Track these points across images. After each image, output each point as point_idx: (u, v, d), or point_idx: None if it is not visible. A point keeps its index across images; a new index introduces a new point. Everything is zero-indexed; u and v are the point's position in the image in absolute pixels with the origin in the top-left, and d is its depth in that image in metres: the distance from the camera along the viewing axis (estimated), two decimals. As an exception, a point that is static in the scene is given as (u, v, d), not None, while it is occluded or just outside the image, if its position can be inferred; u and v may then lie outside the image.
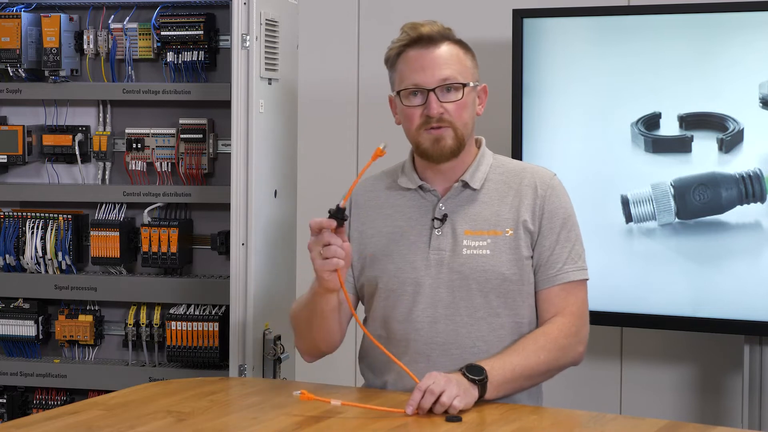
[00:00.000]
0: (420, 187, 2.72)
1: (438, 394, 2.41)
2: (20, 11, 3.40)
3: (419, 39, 2.69)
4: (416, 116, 2.65)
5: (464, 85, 2.64)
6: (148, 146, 3.41)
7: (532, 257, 2.67)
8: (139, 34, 3.41)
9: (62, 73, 3.40)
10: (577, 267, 2.66)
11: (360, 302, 2.80)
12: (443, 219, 2.67)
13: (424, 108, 2.64)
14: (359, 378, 4.38)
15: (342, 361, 4.40)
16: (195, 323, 3.31)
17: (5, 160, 3.40)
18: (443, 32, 2.70)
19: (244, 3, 3.14)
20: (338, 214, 2.50)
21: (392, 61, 2.75)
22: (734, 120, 3.66)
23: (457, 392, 2.43)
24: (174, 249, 3.35)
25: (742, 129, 3.65)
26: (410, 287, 2.67)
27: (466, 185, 2.69)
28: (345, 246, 2.54)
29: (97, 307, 3.46)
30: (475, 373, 2.49)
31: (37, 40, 3.41)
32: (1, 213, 3.45)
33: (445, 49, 2.67)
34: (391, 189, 2.76)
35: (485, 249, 2.64)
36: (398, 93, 2.70)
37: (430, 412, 2.42)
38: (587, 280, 2.70)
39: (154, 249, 3.35)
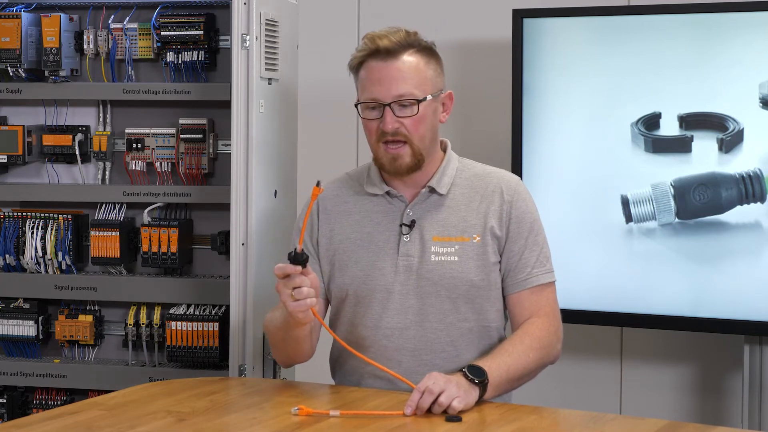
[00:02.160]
0: (387, 193, 2.72)
1: (437, 394, 2.41)
2: (20, 11, 3.40)
3: (377, 51, 2.66)
4: (373, 129, 2.66)
5: (420, 100, 2.63)
6: (148, 146, 3.41)
7: (500, 262, 2.70)
8: (139, 34, 3.41)
9: (62, 73, 3.40)
10: (546, 270, 2.70)
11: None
12: (411, 225, 2.68)
13: (380, 122, 2.64)
14: (359, 378, 4.38)
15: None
16: (195, 323, 3.31)
17: (5, 160, 3.40)
18: (404, 42, 2.64)
19: (244, 3, 3.14)
20: (298, 258, 2.50)
21: (355, 69, 2.76)
22: (734, 120, 3.65)
23: (457, 393, 2.43)
24: (174, 249, 3.35)
25: (742, 129, 3.65)
26: (380, 294, 2.69)
27: (432, 191, 2.70)
28: (313, 280, 2.53)
29: (97, 307, 3.46)
30: (476, 374, 2.49)
31: (37, 40, 3.41)
32: (1, 213, 3.45)
33: (404, 62, 2.64)
34: (359, 194, 2.76)
35: (453, 255, 2.65)
36: (356, 105, 2.70)
37: (429, 412, 2.42)
38: (554, 281, 2.76)
39: (154, 249, 3.35)
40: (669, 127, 3.73)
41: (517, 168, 3.80)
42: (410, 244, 2.68)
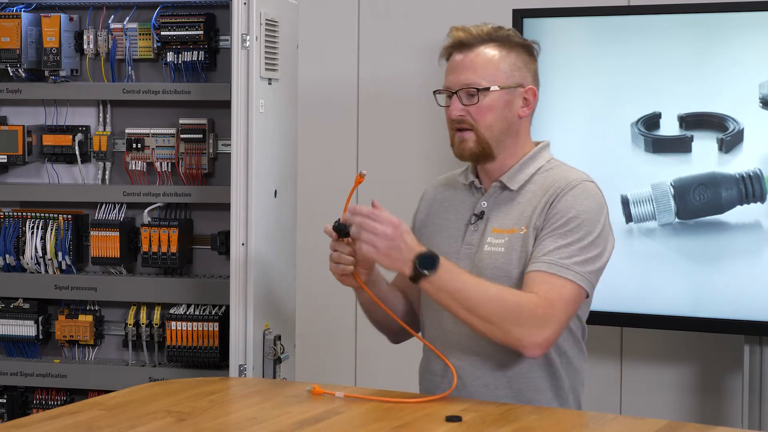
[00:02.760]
0: (471, 183, 2.77)
1: (368, 230, 2.51)
2: (20, 11, 3.40)
3: (456, 44, 2.73)
4: (447, 116, 2.73)
5: (485, 89, 2.66)
6: (148, 146, 3.41)
7: None
8: (139, 34, 3.41)
9: (62, 73, 3.40)
10: (563, 265, 2.56)
11: None
12: (480, 216, 2.72)
13: (450, 109, 2.71)
14: (359, 378, 4.39)
15: (342, 362, 4.40)
16: (195, 323, 3.31)
17: (5, 160, 3.40)
18: (484, 36, 2.71)
19: (244, 3, 3.14)
20: (338, 228, 2.62)
21: (443, 60, 2.80)
22: (734, 120, 3.66)
23: (376, 244, 2.51)
24: (174, 249, 3.35)
25: (742, 129, 3.65)
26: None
27: (504, 186, 2.72)
28: (351, 252, 2.63)
29: (97, 307, 3.46)
30: (424, 264, 2.50)
31: (37, 40, 3.41)
32: (1, 213, 3.45)
33: (478, 53, 2.69)
34: (456, 184, 2.83)
35: (501, 247, 2.66)
36: (435, 92, 2.75)
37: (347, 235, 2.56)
38: (579, 287, 2.57)
39: (154, 249, 3.35)
40: (669, 127, 3.73)
41: (517, 168, 3.80)
42: (475, 234, 2.71)
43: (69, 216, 3.42)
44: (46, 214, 3.43)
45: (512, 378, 2.65)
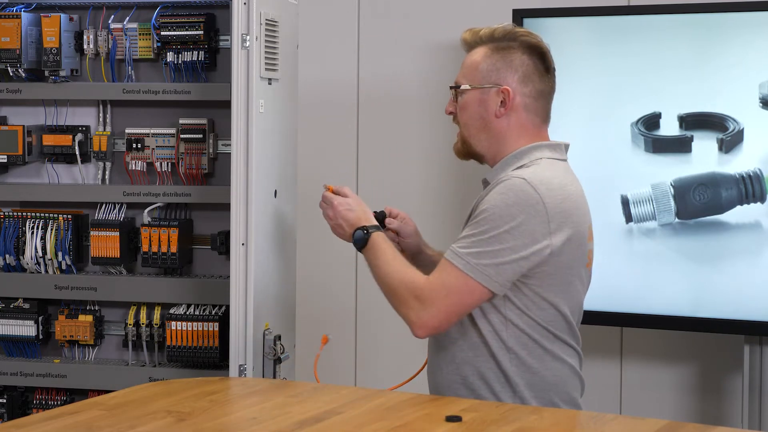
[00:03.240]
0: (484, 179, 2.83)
1: (329, 203, 2.85)
2: (20, 11, 3.40)
3: (462, 45, 2.83)
4: None
5: (459, 88, 2.75)
6: (148, 146, 3.41)
7: None
8: (139, 34, 3.41)
9: (62, 73, 3.40)
10: (457, 253, 2.58)
11: None
12: (473, 210, 2.72)
13: None
14: (359, 378, 4.39)
15: (342, 362, 4.40)
16: (195, 323, 3.31)
17: (5, 160, 3.40)
18: (484, 38, 2.77)
19: (244, 3, 3.14)
20: (377, 217, 2.89)
21: (446, 62, 2.88)
22: (734, 120, 3.66)
23: (333, 218, 2.84)
24: (174, 249, 3.35)
25: (742, 129, 3.65)
26: None
27: (487, 183, 2.75)
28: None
29: (97, 307, 3.46)
30: (356, 242, 2.77)
31: (37, 40, 3.40)
32: (1, 213, 3.45)
33: (471, 54, 2.78)
34: None
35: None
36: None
37: None
38: (467, 277, 2.57)
39: (154, 249, 3.35)
40: (669, 127, 3.74)
41: (517, 168, 3.80)
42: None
43: (69, 216, 3.42)
44: (46, 214, 3.42)
45: (460, 364, 2.68)
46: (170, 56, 3.37)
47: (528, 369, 2.65)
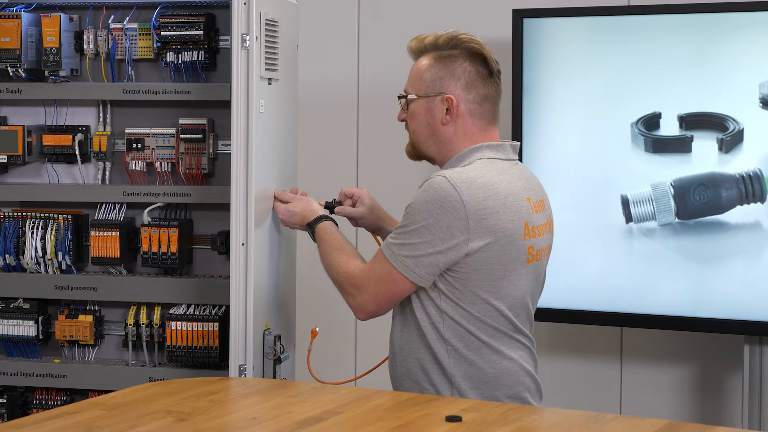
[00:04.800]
0: None
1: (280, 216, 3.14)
2: (20, 11, 3.40)
3: (409, 54, 2.92)
4: None
5: (402, 97, 2.87)
6: (148, 146, 3.41)
7: None
8: (139, 34, 3.41)
9: (62, 73, 3.40)
10: (386, 244, 2.75)
11: None
12: None
13: None
14: (359, 378, 4.39)
15: (342, 362, 4.40)
16: (195, 323, 3.31)
17: (5, 160, 3.40)
18: (427, 46, 2.86)
19: (244, 3, 3.14)
20: (328, 206, 3.15)
21: None
22: (734, 120, 3.66)
23: (284, 215, 3.12)
24: (174, 249, 3.34)
25: (742, 129, 3.65)
26: None
27: None
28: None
29: (97, 307, 3.46)
30: (310, 224, 3.03)
31: (37, 40, 3.40)
32: (1, 213, 3.45)
33: (416, 64, 2.87)
34: None
35: None
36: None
37: None
38: (390, 266, 2.71)
39: (154, 249, 3.35)
40: (669, 127, 3.74)
41: (517, 168, 3.80)
42: None
43: (69, 216, 3.42)
44: (46, 214, 3.42)
45: (405, 356, 2.79)
46: (170, 56, 3.37)
47: (465, 361, 2.72)
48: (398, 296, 2.75)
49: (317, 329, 3.17)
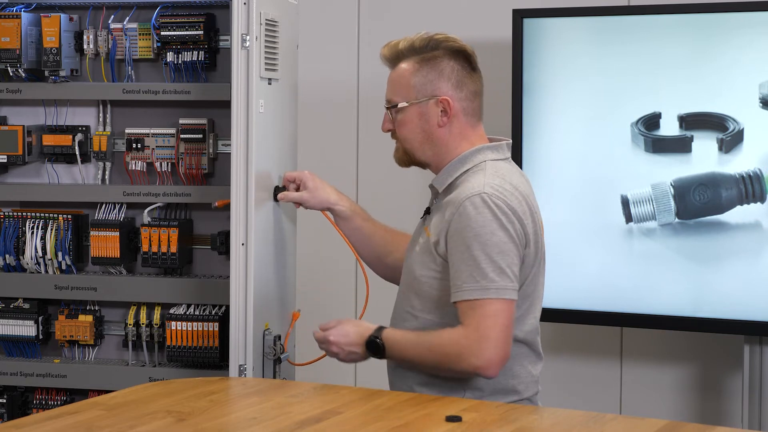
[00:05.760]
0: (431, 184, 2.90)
1: (330, 342, 2.81)
2: (20, 11, 3.40)
3: (383, 61, 2.88)
4: None
5: (391, 107, 2.83)
6: (148, 146, 3.41)
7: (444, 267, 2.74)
8: (139, 34, 3.41)
9: (62, 73, 3.40)
10: (478, 287, 2.62)
11: None
12: (428, 212, 2.87)
13: None
14: (359, 378, 4.40)
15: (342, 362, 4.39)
16: (195, 323, 3.31)
17: (5, 160, 3.40)
18: (404, 50, 2.82)
19: (244, 3, 3.14)
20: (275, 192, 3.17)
21: None
22: (734, 120, 3.66)
23: (341, 352, 2.80)
24: (174, 249, 3.35)
25: (742, 129, 3.65)
26: (402, 270, 2.92)
27: (434, 188, 2.85)
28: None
29: (97, 307, 3.46)
30: (374, 350, 2.75)
31: (37, 40, 3.40)
32: (1, 213, 3.45)
33: (396, 70, 2.84)
34: None
35: (419, 246, 2.81)
36: None
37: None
38: (500, 299, 2.62)
39: (154, 249, 3.35)
40: (669, 127, 3.74)
41: (517, 168, 3.81)
42: (419, 230, 2.87)
43: (69, 216, 3.42)
44: (46, 214, 3.42)
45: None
46: (170, 56, 3.37)
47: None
48: (509, 325, 2.63)
49: (299, 311, 3.23)
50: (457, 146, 2.80)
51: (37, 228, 3.41)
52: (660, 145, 3.74)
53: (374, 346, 2.74)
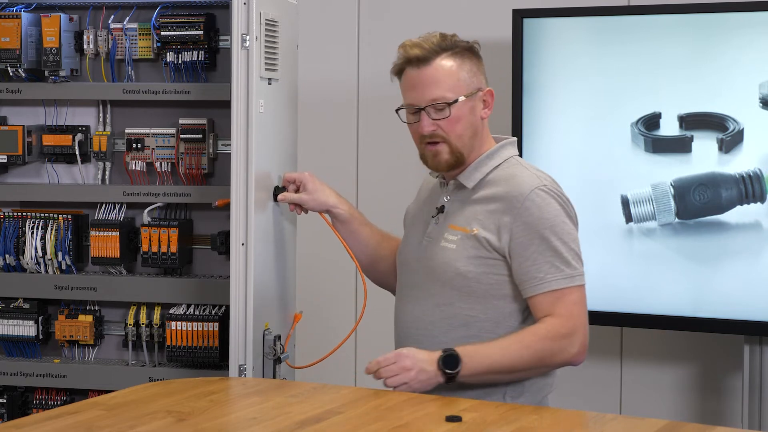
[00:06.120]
0: (440, 177, 2.90)
1: (397, 373, 2.63)
2: (20, 11, 3.40)
3: (410, 60, 2.79)
4: (415, 132, 2.82)
5: (452, 103, 2.75)
6: (148, 146, 3.41)
7: (506, 263, 2.74)
8: (139, 34, 3.41)
9: (62, 73, 3.40)
10: (563, 275, 2.68)
11: None
12: (441, 210, 2.85)
13: (419, 125, 2.78)
14: (359, 378, 4.39)
15: (342, 362, 4.40)
16: (195, 323, 3.31)
17: (5, 160, 3.40)
18: (437, 47, 2.77)
19: (244, 3, 3.14)
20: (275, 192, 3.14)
21: (397, 77, 2.88)
22: (734, 120, 3.66)
23: (408, 380, 2.62)
24: (174, 249, 3.35)
25: (742, 129, 3.65)
26: (402, 267, 2.91)
27: (460, 184, 2.82)
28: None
29: (97, 307, 3.46)
30: (449, 366, 2.62)
31: (37, 40, 3.40)
32: (1, 213, 3.45)
33: (436, 67, 2.77)
34: (436, 177, 2.96)
35: (454, 244, 2.77)
36: (397, 110, 2.85)
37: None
38: (581, 285, 2.71)
39: (154, 249, 3.35)
40: (669, 127, 3.74)
41: (517, 168, 3.80)
42: (435, 227, 2.84)
43: (69, 216, 3.42)
44: (46, 214, 3.42)
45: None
46: (170, 56, 3.37)
47: None
48: (587, 310, 2.73)
49: (301, 313, 3.22)
50: (485, 140, 2.84)
51: (37, 228, 3.41)
52: (660, 145, 3.74)
53: (452, 360, 2.62)
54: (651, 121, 3.75)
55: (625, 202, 3.78)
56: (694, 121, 3.71)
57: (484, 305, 2.75)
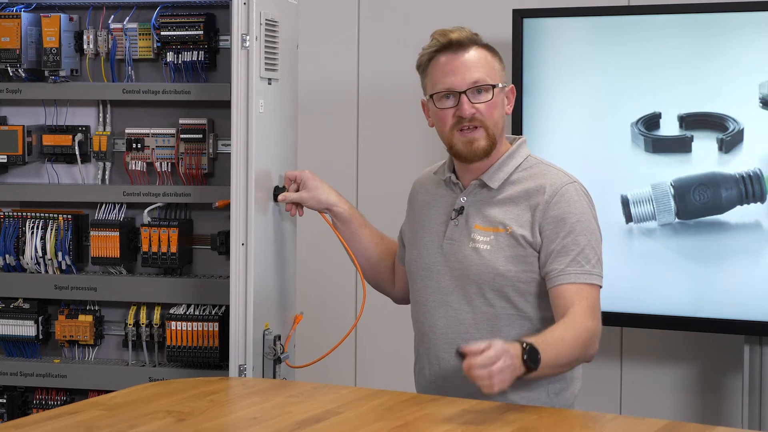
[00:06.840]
0: (449, 179, 2.86)
1: (491, 366, 2.40)
2: (20, 11, 3.40)
3: (449, 45, 2.79)
4: (449, 118, 2.78)
5: (494, 86, 2.76)
6: (148, 146, 3.41)
7: (537, 258, 2.74)
8: (139, 34, 3.41)
9: (62, 73, 3.40)
10: (583, 271, 2.71)
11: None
12: (460, 211, 2.81)
13: (456, 109, 2.77)
14: (359, 378, 4.40)
15: (342, 362, 4.40)
16: (195, 323, 3.31)
17: (5, 160, 3.40)
18: (471, 37, 2.80)
19: (244, 3, 3.14)
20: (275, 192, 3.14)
21: (424, 66, 2.87)
22: (734, 120, 3.66)
23: (502, 376, 2.40)
24: (174, 249, 3.35)
25: (742, 129, 3.65)
26: (423, 272, 2.85)
27: (483, 184, 2.81)
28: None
29: (97, 307, 3.46)
30: (533, 361, 2.48)
31: (37, 40, 3.40)
32: (1, 213, 3.45)
33: (473, 53, 2.78)
34: (437, 180, 2.93)
35: (488, 244, 2.76)
36: (431, 96, 2.82)
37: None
38: (599, 286, 2.74)
39: (154, 249, 3.35)
40: (669, 127, 3.74)
41: (517, 168, 3.80)
42: (456, 229, 2.81)
43: (69, 216, 3.42)
44: (46, 214, 3.42)
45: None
46: (170, 56, 3.37)
47: None
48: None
49: (302, 314, 3.22)
50: (503, 138, 2.85)
51: (37, 228, 3.41)
52: (660, 145, 3.74)
53: (534, 352, 2.47)
54: (651, 121, 3.75)
55: (625, 202, 3.78)
56: (694, 121, 3.71)
57: (526, 303, 2.75)
